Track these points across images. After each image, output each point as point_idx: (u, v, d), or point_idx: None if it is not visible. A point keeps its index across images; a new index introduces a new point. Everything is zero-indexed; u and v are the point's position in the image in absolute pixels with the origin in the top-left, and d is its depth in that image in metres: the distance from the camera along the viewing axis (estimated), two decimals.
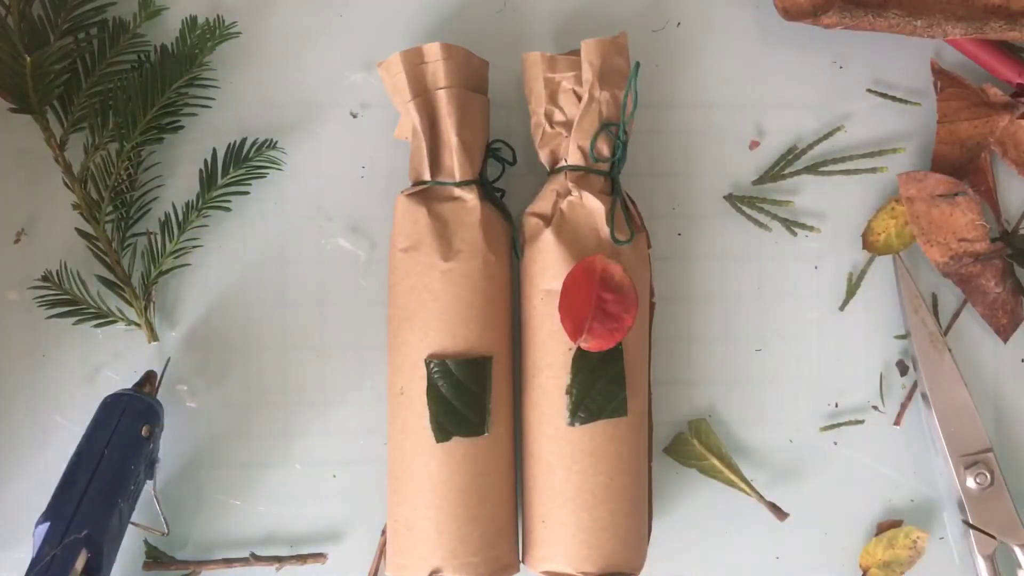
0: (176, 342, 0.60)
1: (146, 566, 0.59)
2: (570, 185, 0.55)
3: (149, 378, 0.58)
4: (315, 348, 0.60)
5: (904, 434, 0.61)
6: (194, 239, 0.59)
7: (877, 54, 0.61)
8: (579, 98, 0.55)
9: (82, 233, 0.59)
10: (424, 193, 0.55)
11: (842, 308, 0.61)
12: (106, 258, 0.58)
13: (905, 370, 0.61)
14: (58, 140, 0.58)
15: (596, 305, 0.53)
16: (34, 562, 0.51)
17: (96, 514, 0.52)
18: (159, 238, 0.59)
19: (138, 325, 0.59)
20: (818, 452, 0.61)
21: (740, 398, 0.61)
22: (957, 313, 0.61)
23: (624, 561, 0.54)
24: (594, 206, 0.55)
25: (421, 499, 0.53)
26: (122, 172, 0.58)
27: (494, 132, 0.58)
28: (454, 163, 0.55)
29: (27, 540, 0.54)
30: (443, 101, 0.54)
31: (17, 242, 0.59)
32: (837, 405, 0.61)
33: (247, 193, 0.59)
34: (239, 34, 0.59)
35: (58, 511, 0.52)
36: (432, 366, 0.53)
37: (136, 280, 0.59)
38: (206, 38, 0.58)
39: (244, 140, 0.59)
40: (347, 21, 0.60)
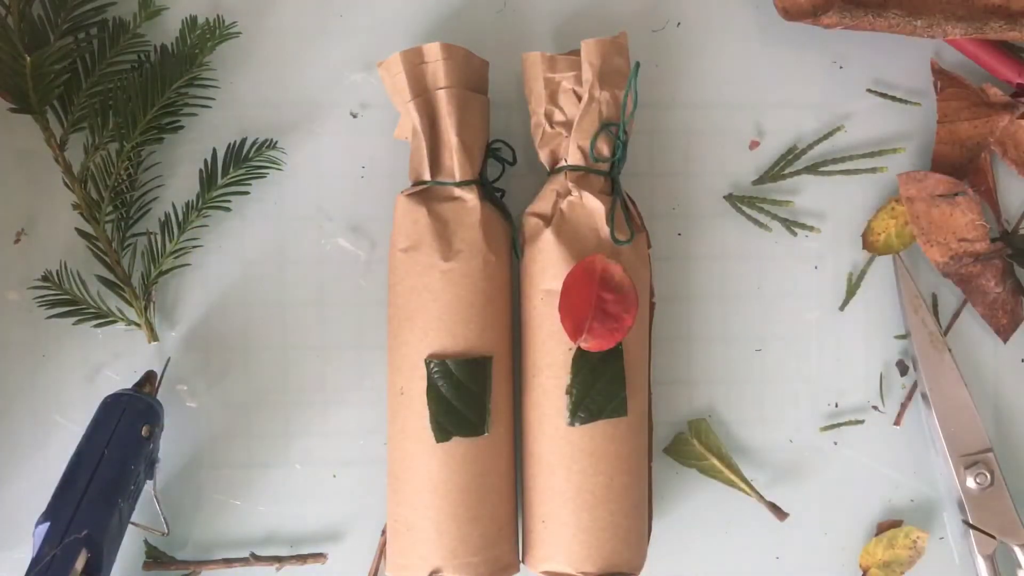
0: (176, 342, 0.60)
1: (146, 566, 0.59)
2: (570, 185, 0.55)
3: (149, 378, 0.58)
4: (315, 348, 0.60)
5: (904, 434, 0.61)
6: (194, 239, 0.59)
7: (877, 54, 0.61)
8: (579, 98, 0.55)
9: (82, 233, 0.59)
10: (424, 193, 0.55)
11: (842, 308, 0.61)
12: (106, 258, 0.58)
13: (905, 370, 0.61)
14: (58, 140, 0.58)
15: (596, 305, 0.53)
16: (34, 562, 0.51)
17: (96, 514, 0.52)
18: (159, 238, 0.59)
19: (138, 325, 0.59)
20: (818, 452, 0.61)
21: (740, 398, 0.61)
22: (957, 313, 0.61)
23: (624, 561, 0.54)
24: (594, 206, 0.55)
25: (421, 499, 0.53)
26: (122, 172, 0.58)
27: (494, 132, 0.58)
28: (454, 163, 0.55)
29: (27, 540, 0.54)
30: (443, 101, 0.54)
31: (17, 242, 0.59)
32: (837, 405, 0.61)
33: (247, 193, 0.59)
34: (239, 34, 0.59)
35: (58, 511, 0.52)
36: (432, 366, 0.53)
37: (136, 280, 0.59)
38: (206, 38, 0.58)
39: (244, 140, 0.59)
40: (347, 21, 0.60)
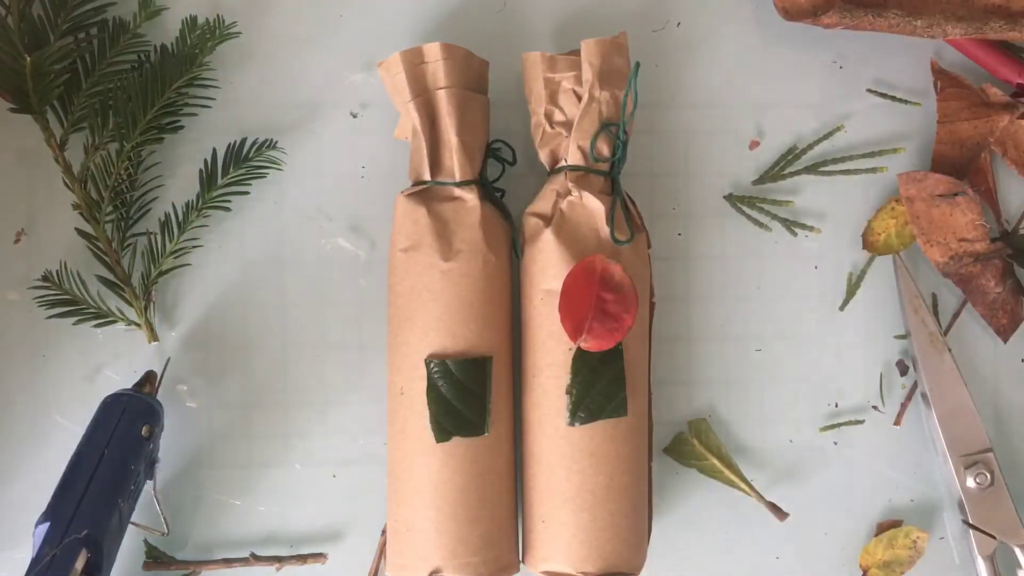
0: (176, 342, 0.60)
1: (146, 566, 0.59)
2: (570, 185, 0.55)
3: (149, 378, 0.58)
4: (315, 348, 0.60)
5: (904, 434, 0.61)
6: (194, 239, 0.59)
7: (877, 54, 0.61)
8: (579, 98, 0.55)
9: (82, 233, 0.59)
10: (424, 193, 0.55)
11: (842, 308, 0.61)
12: (106, 258, 0.58)
13: (905, 370, 0.61)
14: (58, 140, 0.58)
15: (596, 305, 0.53)
16: (34, 562, 0.51)
17: (96, 514, 0.52)
18: (159, 238, 0.59)
19: (138, 325, 0.59)
20: (818, 452, 0.61)
21: (740, 398, 0.61)
22: (957, 313, 0.61)
23: (624, 561, 0.54)
24: (594, 206, 0.55)
25: (421, 499, 0.53)
26: (122, 172, 0.58)
27: (494, 132, 0.58)
28: (454, 163, 0.55)
29: (27, 540, 0.54)
30: (443, 101, 0.54)
31: (17, 242, 0.59)
32: (837, 405, 0.61)
33: (247, 193, 0.59)
34: (239, 34, 0.59)
35: (58, 511, 0.52)
36: (432, 366, 0.53)
37: (136, 280, 0.59)
38: (206, 38, 0.58)
39: (244, 140, 0.59)
40: (347, 21, 0.60)
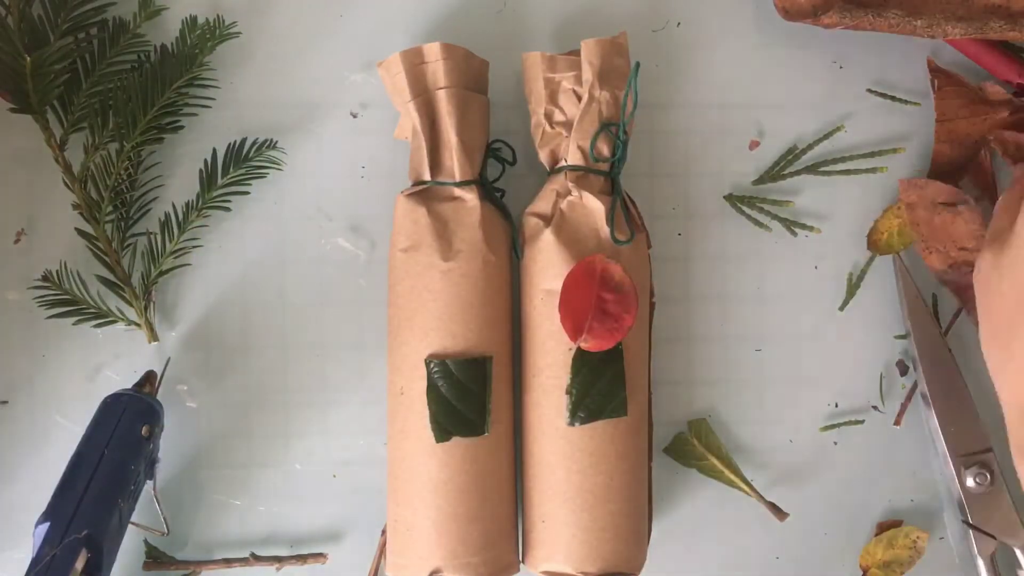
0: (176, 342, 0.60)
1: (146, 566, 0.59)
2: (570, 185, 0.55)
3: (149, 378, 0.58)
4: (315, 348, 0.60)
5: (904, 434, 0.61)
6: (194, 239, 0.59)
7: (877, 54, 0.61)
8: (579, 98, 0.55)
9: (82, 233, 0.59)
10: (424, 193, 0.55)
11: (842, 308, 0.61)
12: (106, 258, 0.58)
13: (905, 370, 0.61)
14: (58, 140, 0.58)
15: (596, 305, 0.53)
16: (34, 562, 0.51)
17: (96, 514, 0.52)
18: (159, 238, 0.59)
19: (138, 325, 0.59)
20: (818, 452, 0.61)
21: (740, 398, 0.61)
22: (957, 313, 0.61)
23: (624, 561, 0.54)
24: (594, 206, 0.55)
25: (421, 499, 0.53)
26: (122, 172, 0.58)
27: (494, 132, 0.58)
28: (454, 163, 0.55)
29: (27, 540, 0.54)
30: (443, 101, 0.54)
31: (17, 242, 0.59)
32: (837, 405, 0.61)
33: (247, 193, 0.59)
34: (239, 34, 0.59)
35: (58, 511, 0.52)
36: (432, 366, 0.53)
37: (136, 280, 0.59)
38: (206, 38, 0.58)
39: (244, 140, 0.59)
40: (347, 21, 0.60)
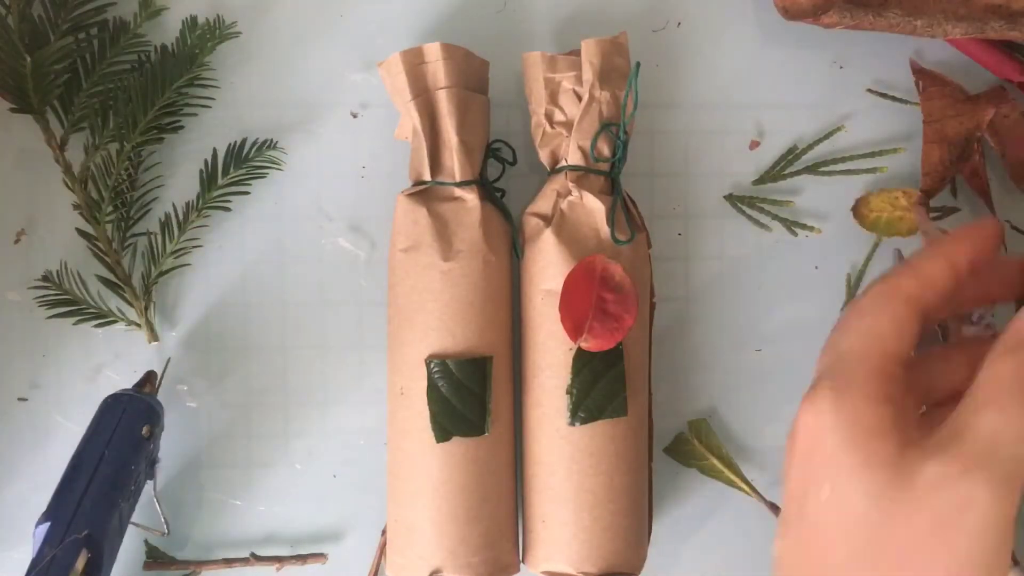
0: (176, 342, 0.60)
1: (146, 566, 0.59)
2: (570, 185, 0.55)
3: (149, 378, 0.58)
4: (315, 348, 0.60)
5: None
6: (194, 239, 0.59)
7: (877, 54, 0.61)
8: (579, 98, 0.55)
9: (82, 233, 0.59)
10: (424, 193, 0.55)
11: (842, 308, 0.61)
12: (106, 258, 0.58)
13: None
14: (58, 140, 0.58)
15: (596, 305, 0.53)
16: (34, 562, 0.51)
17: (96, 514, 0.52)
18: (159, 238, 0.59)
19: (138, 325, 0.59)
20: None
21: (740, 398, 0.61)
22: None
23: (624, 561, 0.54)
24: (594, 206, 0.55)
25: (421, 499, 0.53)
26: (122, 172, 0.58)
27: (494, 132, 0.58)
28: (454, 163, 0.55)
29: (27, 540, 0.54)
30: (443, 101, 0.54)
31: (17, 242, 0.59)
32: None
33: (247, 193, 0.59)
34: (239, 34, 0.59)
35: (58, 511, 0.52)
36: (432, 366, 0.53)
37: (136, 280, 0.59)
38: (206, 38, 0.58)
39: (244, 140, 0.59)
40: (347, 21, 0.60)
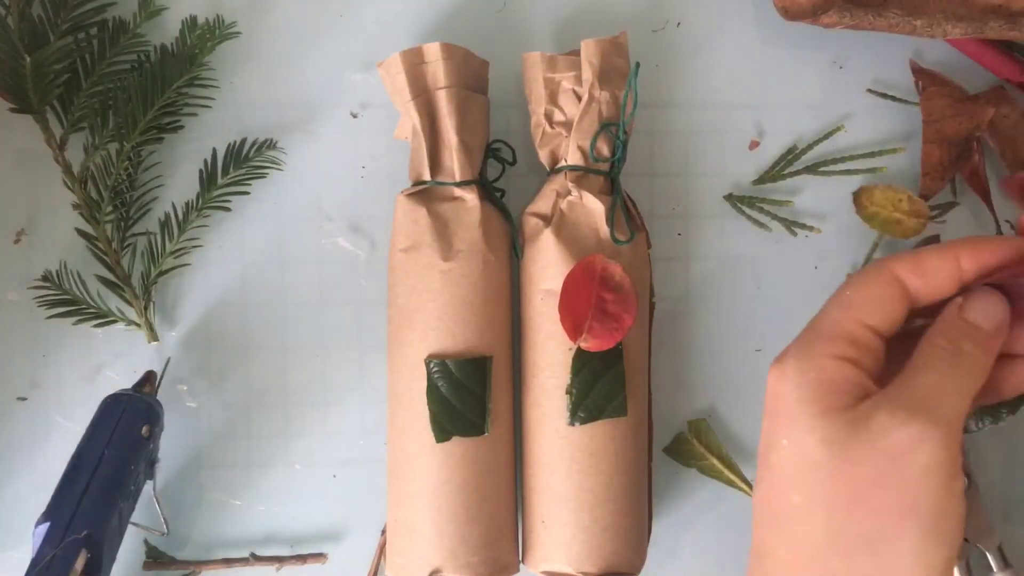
0: (176, 342, 0.60)
1: (146, 566, 0.59)
2: (570, 185, 0.55)
3: (149, 378, 0.58)
4: (315, 348, 0.60)
5: None
6: (194, 239, 0.59)
7: (877, 54, 0.61)
8: (579, 98, 0.55)
9: (82, 233, 0.59)
10: (424, 193, 0.55)
11: None
12: (106, 258, 0.58)
13: None
14: (58, 140, 0.58)
15: (596, 305, 0.53)
16: (34, 562, 0.51)
17: (96, 514, 0.52)
18: (159, 238, 0.59)
19: (138, 325, 0.59)
20: None
21: (740, 398, 0.61)
22: None
23: (624, 561, 0.54)
24: (594, 206, 0.55)
25: (421, 499, 0.53)
26: (122, 172, 0.58)
27: (494, 132, 0.58)
28: (454, 163, 0.55)
29: (27, 540, 0.54)
30: (443, 101, 0.54)
31: (17, 242, 0.59)
32: None
33: (247, 193, 0.59)
34: (239, 34, 0.59)
35: (58, 511, 0.52)
36: (432, 366, 0.53)
37: (136, 280, 0.59)
38: (206, 38, 0.58)
39: (244, 140, 0.59)
40: (347, 21, 0.60)
